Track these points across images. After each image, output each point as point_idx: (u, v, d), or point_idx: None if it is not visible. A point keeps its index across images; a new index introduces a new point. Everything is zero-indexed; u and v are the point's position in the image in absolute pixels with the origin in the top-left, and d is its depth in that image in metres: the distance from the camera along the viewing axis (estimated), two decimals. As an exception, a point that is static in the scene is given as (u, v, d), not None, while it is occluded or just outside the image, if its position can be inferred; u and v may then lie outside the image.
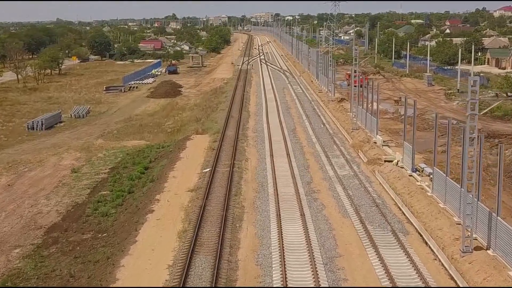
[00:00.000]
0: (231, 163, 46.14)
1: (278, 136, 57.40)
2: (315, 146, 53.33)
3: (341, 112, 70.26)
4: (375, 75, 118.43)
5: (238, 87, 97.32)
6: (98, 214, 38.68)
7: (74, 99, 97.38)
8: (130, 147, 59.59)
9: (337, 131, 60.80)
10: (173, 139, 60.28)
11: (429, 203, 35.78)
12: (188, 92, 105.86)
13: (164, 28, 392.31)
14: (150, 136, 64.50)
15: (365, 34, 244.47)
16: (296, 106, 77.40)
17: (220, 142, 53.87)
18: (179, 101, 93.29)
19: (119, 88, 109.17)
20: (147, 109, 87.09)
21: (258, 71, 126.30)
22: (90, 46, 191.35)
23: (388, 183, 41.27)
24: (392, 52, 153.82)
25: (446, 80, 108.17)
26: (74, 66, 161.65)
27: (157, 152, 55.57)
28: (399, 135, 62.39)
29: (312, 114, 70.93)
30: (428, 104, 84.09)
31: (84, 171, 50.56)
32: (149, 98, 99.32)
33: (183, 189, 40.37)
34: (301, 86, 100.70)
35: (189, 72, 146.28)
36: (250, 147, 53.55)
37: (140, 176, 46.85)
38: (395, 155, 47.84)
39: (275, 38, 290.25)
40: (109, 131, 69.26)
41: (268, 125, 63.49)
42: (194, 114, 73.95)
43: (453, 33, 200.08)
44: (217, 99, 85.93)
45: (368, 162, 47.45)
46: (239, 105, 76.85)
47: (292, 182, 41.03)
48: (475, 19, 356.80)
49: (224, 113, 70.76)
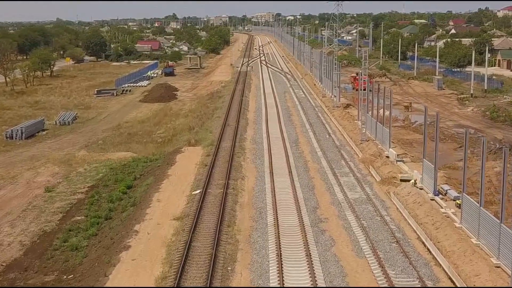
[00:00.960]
0: (225, 183, 40.25)
1: (279, 149, 51.50)
2: (320, 161, 47.41)
3: (348, 120, 64.36)
4: (381, 78, 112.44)
5: (237, 91, 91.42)
6: (67, 247, 32.84)
7: (62, 103, 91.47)
8: (115, 160, 53.71)
9: (344, 143, 54.89)
10: (163, 152, 54.38)
11: (459, 238, 29.87)
12: (183, 96, 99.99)
13: (163, 28, 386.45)
14: (138, 147, 58.61)
15: (368, 34, 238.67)
16: (299, 113, 71.49)
17: (214, 156, 47.98)
18: (174, 106, 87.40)
19: (111, 92, 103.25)
20: (138, 115, 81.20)
21: (258, 73, 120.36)
22: (86, 47, 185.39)
23: (407, 209, 35.36)
24: (397, 53, 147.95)
25: (456, 84, 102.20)
26: (68, 67, 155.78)
27: (143, 167, 49.68)
28: (412, 147, 56.52)
29: (316, 122, 65.00)
30: (440, 110, 78.12)
31: (59, 190, 44.68)
32: (141, 103, 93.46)
33: (167, 216, 34.48)
34: (303, 90, 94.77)
35: (187, 74, 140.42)
36: (248, 162, 47.65)
37: (121, 197, 40.99)
38: (413, 173, 41.94)
39: (276, 38, 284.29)
40: (94, 141, 63.37)
41: (268, 135, 57.59)
42: (187, 122, 68.05)
43: (459, 33, 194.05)
44: (214, 104, 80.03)
45: (382, 181, 41.53)
46: (237, 111, 70.96)
47: (296, 209, 35.12)
48: (479, 19, 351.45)
49: (220, 121, 64.89)
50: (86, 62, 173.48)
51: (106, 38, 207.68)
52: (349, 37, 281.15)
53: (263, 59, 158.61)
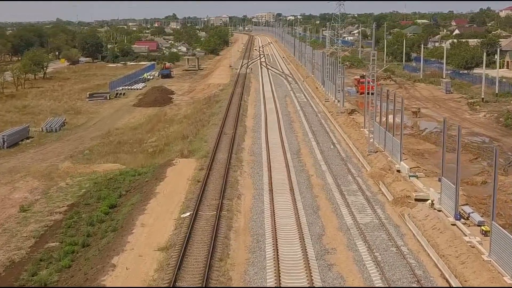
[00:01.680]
0: (219, 203, 35.83)
1: (280, 161, 47.06)
2: (325, 176, 42.96)
3: (353, 127, 59.94)
4: (385, 81, 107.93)
5: (235, 95, 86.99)
6: (34, 282, 28.48)
7: (52, 108, 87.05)
8: (100, 172, 49.33)
9: (350, 154, 50.42)
10: (153, 164, 49.95)
11: (490, 276, 25.49)
12: (179, 99, 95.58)
13: (163, 28, 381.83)
14: (127, 158, 54.17)
15: (371, 34, 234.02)
16: (300, 119, 67.04)
17: (208, 170, 43.54)
18: (169, 111, 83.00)
19: (103, 95, 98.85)
20: (130, 121, 76.80)
21: (258, 76, 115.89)
22: (81, 48, 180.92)
23: (425, 236, 30.93)
24: (402, 54, 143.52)
25: (465, 87, 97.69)
26: (62, 69, 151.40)
27: (130, 182, 45.30)
28: (424, 158, 52.07)
29: (319, 130, 60.55)
30: (451, 116, 73.72)
31: (35, 209, 40.30)
32: (135, 107, 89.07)
33: (151, 246, 30.07)
34: (305, 93, 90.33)
35: (184, 76, 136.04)
36: (245, 176, 43.23)
37: (103, 219, 36.60)
38: (429, 191, 37.54)
39: (276, 38, 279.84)
40: (80, 150, 58.95)
41: (268, 145, 53.15)
42: (181, 129, 63.65)
43: (464, 34, 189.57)
44: (210, 109, 75.60)
45: (395, 201, 37.07)
46: (234, 118, 66.55)
47: (299, 237, 30.68)
48: (481, 19, 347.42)
49: (217, 129, 60.46)
50: (82, 64, 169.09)
51: (103, 38, 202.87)
52: (350, 37, 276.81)
53: (263, 60, 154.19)
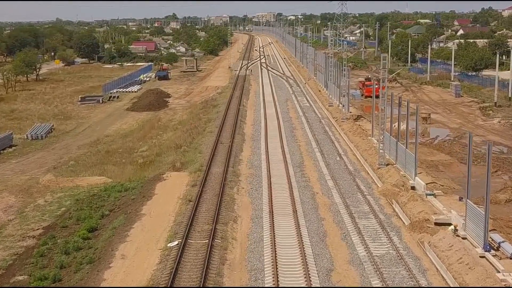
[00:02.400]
0: (212, 228, 31.41)
1: (281, 176, 42.60)
2: (331, 194, 38.50)
3: (360, 136, 55.47)
4: (391, 83, 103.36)
5: (234, 99, 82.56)
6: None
7: (41, 113, 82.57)
8: (84, 187, 44.90)
9: (358, 167, 45.92)
10: (142, 177, 45.49)
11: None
12: (176, 103, 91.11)
13: (162, 28, 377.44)
14: (115, 170, 49.71)
15: (374, 35, 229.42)
16: (303, 126, 62.57)
17: (201, 187, 39.10)
18: (163, 115, 78.54)
19: (96, 99, 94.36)
20: (122, 127, 72.33)
21: (258, 78, 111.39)
22: (77, 48, 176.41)
23: (451, 272, 26.50)
24: (406, 55, 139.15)
25: (475, 90, 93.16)
26: (57, 70, 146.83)
27: (116, 199, 40.86)
28: (439, 171, 47.52)
29: (324, 139, 56.04)
30: (463, 122, 69.27)
31: (7, 233, 35.85)
32: (128, 112, 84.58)
33: (130, 285, 25.63)
34: (307, 97, 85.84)
35: (182, 77, 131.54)
36: (242, 194, 38.80)
37: (80, 246, 32.15)
38: (450, 215, 33.06)
39: (277, 38, 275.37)
40: (65, 161, 54.50)
41: (268, 156, 48.68)
42: (175, 138, 59.18)
43: (469, 34, 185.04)
44: (207, 115, 71.12)
45: (412, 226, 32.60)
46: (232, 124, 62.10)
47: (303, 273, 26.24)
48: (484, 18, 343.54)
49: (213, 137, 56.01)
50: (77, 65, 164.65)
51: (100, 39, 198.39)
52: (352, 37, 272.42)
53: (263, 61, 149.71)
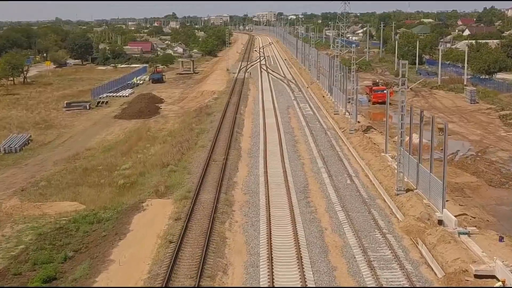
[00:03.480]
0: (196, 284, 24.80)
1: (282, 206, 35.94)
2: (343, 232, 31.84)
3: (372, 151, 48.81)
4: (398, 87, 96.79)
5: (230, 106, 75.88)
6: None
7: (21, 121, 75.84)
8: (52, 216, 38.28)
9: (373, 193, 39.24)
10: (119, 204, 38.83)
11: None
12: (168, 109, 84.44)
13: (161, 28, 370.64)
14: (90, 194, 42.97)
15: (375, 34, 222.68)
16: (307, 139, 55.85)
17: (186, 221, 32.46)
18: (153, 124, 71.84)
19: (83, 105, 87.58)
20: (106, 138, 65.58)
21: (257, 81, 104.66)
22: (70, 49, 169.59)
23: None
24: (413, 56, 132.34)
25: (491, 95, 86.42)
26: (47, 72, 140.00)
27: (85, 234, 34.22)
28: (466, 197, 40.85)
29: (331, 156, 49.30)
30: (483, 133, 62.63)
31: None
32: (116, 119, 77.78)
33: None
34: (310, 103, 79.12)
35: (177, 80, 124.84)
36: (236, 231, 32.17)
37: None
38: (495, 264, 26.38)
39: (278, 39, 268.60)
40: (36, 181, 47.79)
41: (267, 177, 42.01)
42: (164, 152, 52.43)
43: (477, 34, 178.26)
44: (200, 124, 64.43)
45: (447, 280, 25.94)
46: (227, 137, 55.45)
47: None
48: (489, 18, 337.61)
49: (205, 153, 49.34)
50: (69, 66, 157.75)
51: (94, 39, 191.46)
52: (355, 37, 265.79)
53: (263, 63, 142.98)
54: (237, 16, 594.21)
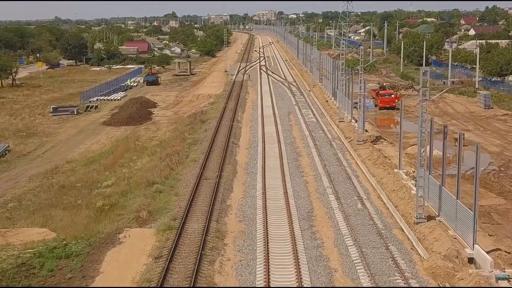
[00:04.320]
0: None
1: (283, 236, 30.55)
2: (357, 274, 26.43)
3: (383, 167, 43.38)
4: (407, 91, 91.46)
5: (227, 112, 70.53)
6: None
7: (1, 128, 70.59)
8: (16, 247, 32.84)
9: (388, 221, 33.83)
10: (94, 233, 33.41)
11: None
12: (161, 115, 79.16)
13: (160, 27, 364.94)
14: (64, 218, 37.62)
15: (379, 34, 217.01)
16: (310, 151, 50.45)
17: (168, 261, 27.09)
18: (144, 132, 66.58)
19: (70, 110, 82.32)
20: (91, 147, 60.28)
21: (257, 84, 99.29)
22: (64, 49, 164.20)
23: None
24: (418, 57, 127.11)
25: (506, 99, 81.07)
26: (38, 74, 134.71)
27: (48, 273, 28.78)
28: (495, 224, 35.45)
29: (338, 172, 43.87)
30: (502, 143, 57.30)
31: None
32: (104, 126, 72.52)
33: None
34: (313, 109, 73.77)
35: (173, 82, 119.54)
36: (226, 273, 26.78)
37: None
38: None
39: (278, 38, 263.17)
40: (6, 201, 42.48)
41: (265, 199, 36.67)
42: (151, 167, 47.04)
43: (485, 34, 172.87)
44: (193, 134, 59.07)
45: None
46: (222, 149, 50.07)
47: None
48: (492, 17, 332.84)
49: (196, 169, 43.97)
50: (62, 67, 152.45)
51: (89, 39, 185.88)
52: (357, 37, 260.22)
53: (263, 64, 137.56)
54: (238, 15, 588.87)
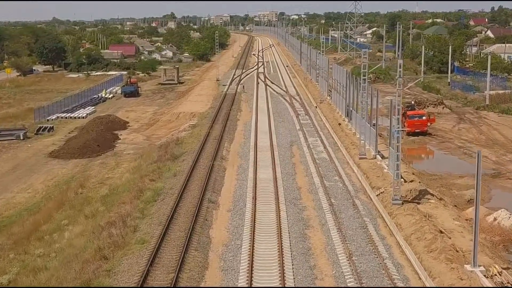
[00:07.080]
0: None
1: None
2: None
3: (445, 258, 26.46)
4: (436, 107, 74.58)
5: (209, 141, 53.54)
6: None
7: None
8: None
9: None
10: None
11: None
12: (129, 141, 62.32)
13: (156, 28, 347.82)
14: None
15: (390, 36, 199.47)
16: (324, 220, 33.28)
17: None
18: (97, 170, 49.73)
19: (15, 133, 65.31)
20: (16, 198, 43.22)
21: (252, 98, 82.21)
22: (39, 54, 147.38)
23: None
24: (442, 64, 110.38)
25: None
26: (4, 82, 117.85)
27: None
28: None
29: (373, 271, 26.83)
30: None
31: None
32: (50, 159, 55.52)
33: None
34: (322, 137, 56.64)
35: (156, 93, 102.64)
36: None
37: None
38: None
39: (279, 40, 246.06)
40: None
41: None
42: (77, 250, 30.11)
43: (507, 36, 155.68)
44: (158, 180, 41.92)
45: None
46: (191, 214, 33.13)
47: None
48: (502, 18, 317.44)
49: (143, 258, 27.07)
50: (35, 74, 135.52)
51: (70, 42, 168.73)
52: (363, 39, 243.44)
53: (261, 71, 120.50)
54: (238, 16, 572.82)
